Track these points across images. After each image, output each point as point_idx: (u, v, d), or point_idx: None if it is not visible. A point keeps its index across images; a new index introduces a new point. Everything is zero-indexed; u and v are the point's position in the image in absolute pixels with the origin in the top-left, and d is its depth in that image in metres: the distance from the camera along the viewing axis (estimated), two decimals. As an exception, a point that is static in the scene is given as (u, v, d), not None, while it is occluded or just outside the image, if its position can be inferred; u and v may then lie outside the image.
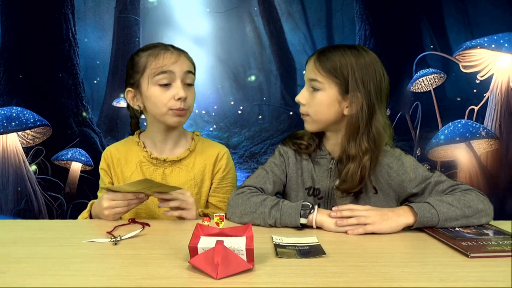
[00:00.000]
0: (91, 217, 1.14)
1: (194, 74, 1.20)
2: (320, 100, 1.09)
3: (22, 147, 2.40)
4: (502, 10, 2.38)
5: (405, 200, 1.14)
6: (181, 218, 1.08)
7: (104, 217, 1.06)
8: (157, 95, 1.15)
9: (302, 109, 1.13)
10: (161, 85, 1.14)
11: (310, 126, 1.14)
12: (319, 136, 1.18)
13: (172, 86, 1.14)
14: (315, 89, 1.09)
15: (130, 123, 1.30)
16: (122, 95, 2.42)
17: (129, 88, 1.20)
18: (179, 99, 1.14)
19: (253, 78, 2.47)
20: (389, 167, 1.13)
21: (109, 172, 1.25)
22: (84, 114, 2.43)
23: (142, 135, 1.27)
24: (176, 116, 1.16)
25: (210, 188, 1.25)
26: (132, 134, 1.29)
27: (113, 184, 1.24)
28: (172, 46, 1.19)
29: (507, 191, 2.43)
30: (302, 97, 1.12)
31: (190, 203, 1.07)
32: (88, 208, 1.15)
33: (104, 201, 1.04)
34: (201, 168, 1.23)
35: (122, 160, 1.23)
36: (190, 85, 1.19)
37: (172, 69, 1.14)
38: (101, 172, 1.26)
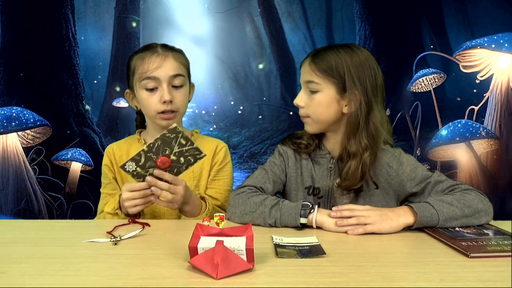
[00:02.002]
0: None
1: (184, 75, 1.20)
2: (319, 101, 1.09)
3: (22, 147, 2.40)
4: (502, 10, 2.38)
5: (405, 199, 1.14)
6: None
7: (124, 209, 1.07)
8: (145, 99, 1.18)
9: (302, 112, 1.14)
10: (148, 89, 1.17)
11: (311, 128, 1.14)
12: (319, 136, 1.18)
13: (158, 90, 1.16)
14: (313, 91, 1.10)
15: (135, 119, 1.33)
16: (117, 88, 2.42)
17: (127, 90, 1.25)
18: (164, 102, 1.15)
19: (261, 66, 2.47)
20: (389, 166, 1.13)
21: (112, 168, 1.26)
22: (84, 114, 2.43)
23: (143, 133, 1.31)
24: (164, 119, 1.18)
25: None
26: (137, 129, 1.32)
27: (116, 180, 1.26)
28: (163, 46, 1.20)
29: (507, 191, 2.43)
30: (300, 99, 1.12)
31: (177, 200, 1.06)
32: (117, 199, 1.12)
33: (123, 193, 1.05)
34: (200, 161, 1.24)
35: (124, 157, 1.25)
36: (180, 86, 1.19)
37: (156, 74, 1.15)
38: (104, 168, 1.27)
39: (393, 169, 1.12)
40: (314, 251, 0.83)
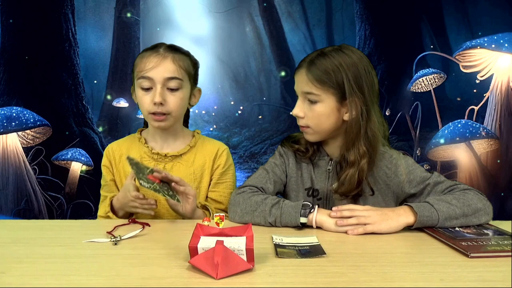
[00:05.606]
0: (113, 211, 1.15)
1: (181, 78, 1.16)
2: (319, 112, 1.08)
3: (22, 147, 2.40)
4: (502, 10, 2.38)
5: (403, 201, 1.14)
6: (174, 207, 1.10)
7: (128, 208, 1.09)
8: (139, 97, 1.17)
9: (302, 122, 1.12)
10: (143, 89, 1.16)
11: (312, 137, 1.13)
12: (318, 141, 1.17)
13: (152, 90, 1.16)
14: (312, 102, 1.08)
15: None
16: (109, 97, 2.42)
17: (132, 86, 1.24)
18: (155, 103, 1.14)
19: (283, 73, 2.47)
20: (387, 168, 1.12)
21: (111, 168, 1.25)
22: (84, 114, 2.43)
23: (144, 132, 1.29)
24: (155, 120, 1.17)
25: (210, 184, 1.26)
26: (144, 127, 1.32)
27: (115, 182, 1.25)
28: (168, 47, 1.18)
29: (507, 191, 2.43)
30: (299, 110, 1.10)
31: (192, 195, 1.08)
32: (108, 203, 1.16)
33: (130, 191, 1.07)
34: (201, 163, 1.25)
35: (124, 156, 1.24)
36: (176, 89, 1.16)
37: (150, 75, 1.14)
38: (103, 169, 1.27)
39: (391, 171, 1.12)
40: (314, 251, 0.83)
